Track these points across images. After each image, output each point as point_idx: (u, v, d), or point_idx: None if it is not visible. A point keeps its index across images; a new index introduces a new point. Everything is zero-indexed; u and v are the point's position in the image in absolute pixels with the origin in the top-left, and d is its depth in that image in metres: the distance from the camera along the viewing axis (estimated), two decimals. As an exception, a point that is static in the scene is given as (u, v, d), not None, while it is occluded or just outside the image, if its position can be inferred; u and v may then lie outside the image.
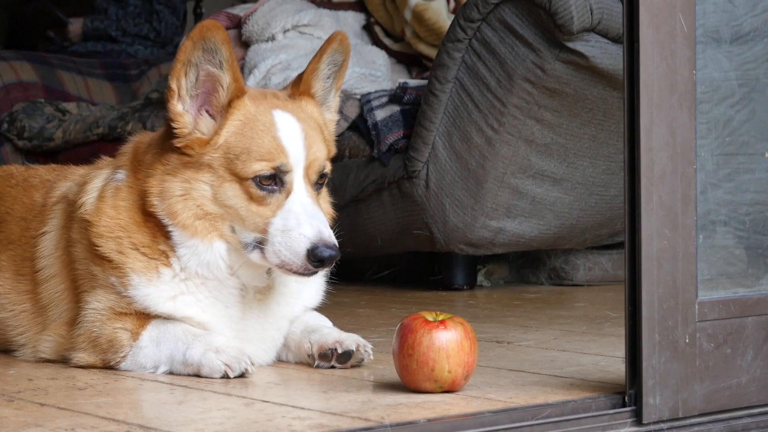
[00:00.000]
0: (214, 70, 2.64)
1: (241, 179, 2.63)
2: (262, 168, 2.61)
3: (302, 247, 2.57)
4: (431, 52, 5.03)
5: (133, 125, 5.48)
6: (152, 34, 7.08)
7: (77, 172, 3.07)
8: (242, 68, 5.04)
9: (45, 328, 2.86)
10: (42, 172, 3.18)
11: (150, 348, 2.68)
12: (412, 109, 4.48)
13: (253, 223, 2.62)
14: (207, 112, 2.68)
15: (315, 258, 2.57)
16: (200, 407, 2.30)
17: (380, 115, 4.52)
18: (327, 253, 2.56)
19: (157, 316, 2.71)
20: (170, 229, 2.67)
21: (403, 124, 4.48)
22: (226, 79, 2.65)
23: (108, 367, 2.73)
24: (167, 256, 2.69)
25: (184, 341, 2.64)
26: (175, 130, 2.66)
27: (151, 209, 2.68)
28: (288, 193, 2.63)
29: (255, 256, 2.64)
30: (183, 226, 2.66)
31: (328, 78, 2.84)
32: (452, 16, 4.88)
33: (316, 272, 2.61)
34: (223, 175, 2.64)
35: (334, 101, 2.89)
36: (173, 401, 2.38)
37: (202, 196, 2.65)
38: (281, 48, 5.00)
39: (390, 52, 5.19)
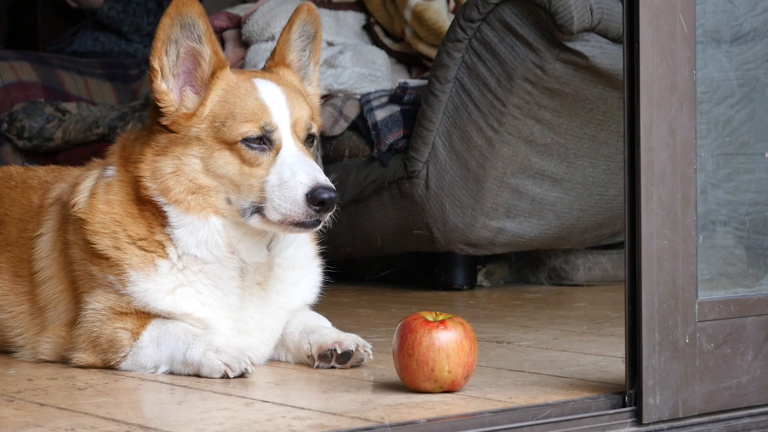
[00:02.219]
0: (193, 45, 2.68)
1: (230, 145, 2.65)
2: (249, 129, 2.64)
3: (300, 193, 2.59)
4: (431, 52, 5.03)
5: (133, 125, 5.48)
6: None
7: (73, 173, 3.07)
8: (242, 68, 5.04)
9: (43, 330, 2.86)
10: (41, 173, 3.18)
11: (150, 348, 2.68)
12: (412, 109, 4.48)
13: (248, 185, 2.64)
14: (190, 89, 2.71)
15: (315, 201, 2.57)
16: (200, 407, 2.30)
17: (380, 115, 4.52)
18: (326, 194, 2.57)
19: (157, 316, 2.71)
20: (165, 208, 2.68)
21: (403, 124, 4.48)
22: (206, 51, 2.69)
23: (108, 367, 2.73)
24: (164, 247, 2.70)
25: (184, 341, 2.64)
26: (162, 109, 2.69)
27: (144, 192, 2.69)
28: (278, 150, 2.66)
29: (255, 220, 2.65)
30: (176, 201, 2.67)
31: (303, 50, 2.88)
32: (452, 16, 4.88)
33: (319, 220, 2.60)
34: (211, 145, 2.66)
35: (315, 75, 2.92)
36: (173, 401, 2.38)
37: (193, 170, 2.67)
38: (281, 48, 4.99)
39: (390, 52, 5.19)
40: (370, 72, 4.85)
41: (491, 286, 4.76)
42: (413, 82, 4.56)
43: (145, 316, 2.71)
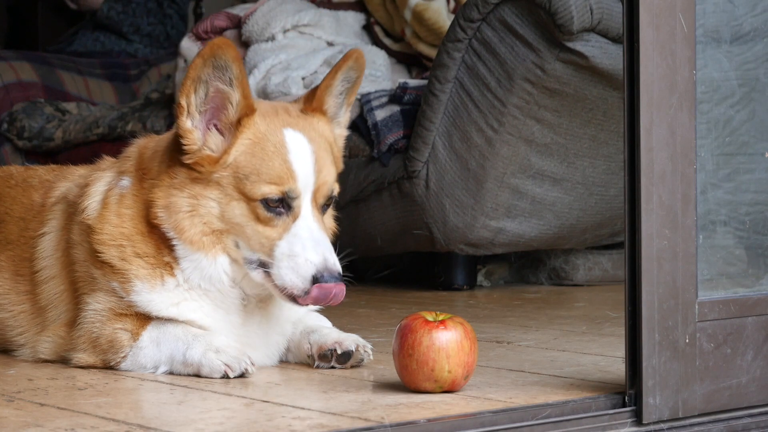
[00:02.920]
0: (223, 87, 2.62)
1: (248, 199, 2.61)
2: (271, 191, 2.60)
3: (308, 273, 2.57)
4: (431, 52, 5.03)
5: (133, 125, 5.48)
6: (162, 36, 7.06)
7: (77, 172, 3.06)
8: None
9: (44, 329, 2.86)
10: (41, 172, 3.18)
11: (150, 348, 2.68)
12: (412, 109, 4.48)
13: (259, 242, 2.62)
14: (215, 127, 2.65)
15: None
16: (200, 407, 2.30)
17: (380, 115, 4.52)
18: (332, 281, 2.58)
19: (158, 318, 2.70)
20: (174, 243, 2.66)
21: (403, 124, 4.48)
22: (235, 96, 2.62)
23: (108, 367, 2.73)
24: (171, 267, 2.69)
25: (184, 341, 2.64)
26: (185, 147, 2.63)
27: (155, 221, 2.66)
28: (295, 217, 2.62)
29: (257, 274, 2.64)
30: (190, 242, 2.64)
31: (340, 94, 2.82)
32: (452, 16, 4.87)
33: None
34: (231, 193, 2.62)
35: (345, 117, 2.87)
36: (173, 401, 2.38)
37: (209, 213, 2.63)
38: (281, 48, 5.00)
39: (390, 52, 5.19)
40: (370, 72, 4.85)
41: (491, 286, 4.76)
42: (413, 82, 4.56)
43: (145, 317, 2.71)
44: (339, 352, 2.72)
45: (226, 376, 2.58)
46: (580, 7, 4.01)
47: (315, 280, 2.57)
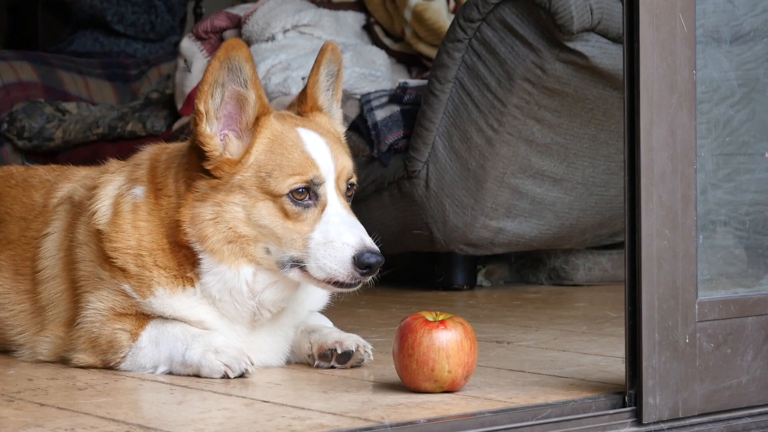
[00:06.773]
0: (239, 89, 2.61)
1: (274, 197, 2.60)
2: (296, 182, 2.60)
3: (347, 255, 2.57)
4: (431, 52, 5.03)
5: (133, 125, 5.48)
6: (148, 26, 7.06)
7: (79, 173, 3.05)
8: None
9: (44, 329, 2.86)
10: (41, 172, 3.17)
11: (149, 348, 2.68)
12: (412, 109, 4.48)
13: (291, 239, 2.61)
14: (232, 133, 2.64)
15: (362, 265, 2.57)
16: (200, 407, 2.30)
17: (380, 115, 4.52)
18: (373, 258, 2.57)
19: (159, 317, 2.70)
20: (200, 256, 2.64)
21: (403, 124, 4.48)
22: (251, 97, 2.62)
23: (108, 367, 2.73)
24: (192, 281, 2.68)
25: (183, 341, 2.64)
26: (206, 153, 2.62)
27: (184, 238, 2.64)
28: (323, 207, 2.62)
29: (294, 274, 2.63)
30: (212, 250, 2.63)
31: (327, 90, 2.83)
32: (452, 16, 4.88)
33: (361, 282, 2.60)
34: (255, 194, 2.61)
35: (338, 113, 2.88)
36: (173, 401, 2.38)
37: (234, 218, 2.62)
38: (281, 48, 5.00)
39: (390, 52, 5.19)
40: (370, 72, 4.85)
41: (491, 286, 4.76)
42: (413, 82, 4.56)
43: (144, 317, 2.71)
44: (339, 352, 2.73)
45: (226, 377, 2.58)
46: (580, 7, 4.01)
47: (356, 260, 2.56)
